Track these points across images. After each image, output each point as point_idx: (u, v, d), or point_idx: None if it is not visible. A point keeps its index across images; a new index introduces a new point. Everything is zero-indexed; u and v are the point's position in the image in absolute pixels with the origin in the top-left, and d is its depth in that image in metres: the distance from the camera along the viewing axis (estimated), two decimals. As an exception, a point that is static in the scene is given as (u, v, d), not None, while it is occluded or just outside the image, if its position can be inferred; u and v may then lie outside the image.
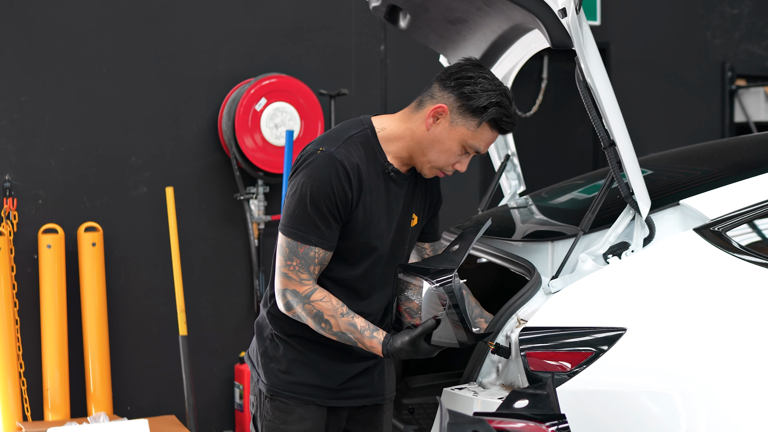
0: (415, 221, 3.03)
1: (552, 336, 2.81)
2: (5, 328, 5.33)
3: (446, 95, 2.87)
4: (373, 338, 2.82)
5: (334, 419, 3.04)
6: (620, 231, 3.04)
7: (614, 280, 2.92)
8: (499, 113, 2.83)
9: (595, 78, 2.94)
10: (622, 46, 7.40)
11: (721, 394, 2.69)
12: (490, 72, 2.90)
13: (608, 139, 3.01)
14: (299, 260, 2.82)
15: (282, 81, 5.89)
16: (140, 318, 5.83)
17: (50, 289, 5.44)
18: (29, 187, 5.54)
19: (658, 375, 2.73)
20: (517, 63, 3.89)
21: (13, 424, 5.32)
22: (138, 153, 5.81)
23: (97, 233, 5.55)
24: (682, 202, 3.06)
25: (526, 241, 3.34)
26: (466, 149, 2.88)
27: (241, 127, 5.78)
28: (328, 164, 2.79)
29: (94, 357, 5.54)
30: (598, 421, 2.75)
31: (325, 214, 2.80)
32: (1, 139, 5.48)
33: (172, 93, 5.90)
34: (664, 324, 2.80)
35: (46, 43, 5.58)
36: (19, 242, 5.49)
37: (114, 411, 5.69)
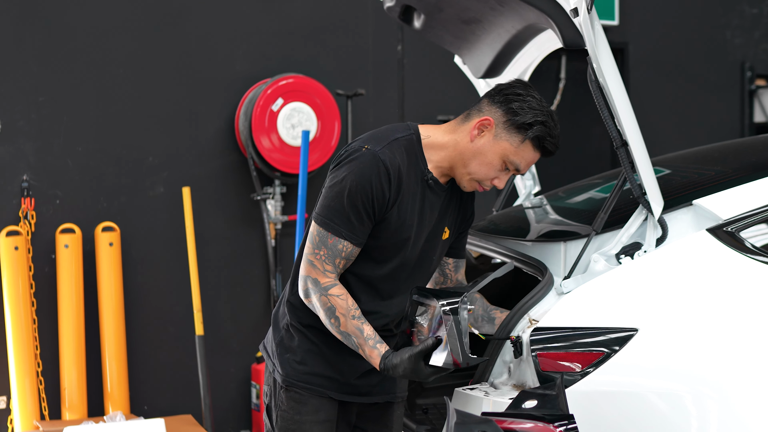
0: (447, 234, 3.06)
1: (563, 336, 2.80)
2: (23, 328, 5.36)
3: (494, 109, 2.90)
4: (374, 348, 2.82)
5: (344, 413, 3.07)
6: (633, 231, 3.03)
7: (626, 280, 2.91)
8: (543, 132, 2.86)
9: (608, 78, 2.93)
10: (640, 46, 7.37)
11: (734, 395, 2.68)
12: (539, 94, 2.94)
13: (620, 139, 3.00)
14: (327, 250, 2.86)
15: (299, 81, 5.90)
16: (157, 318, 5.85)
17: (67, 288, 5.47)
18: (47, 187, 5.57)
19: (670, 376, 2.72)
20: (532, 63, 3.88)
21: (31, 422, 5.35)
22: (155, 153, 5.83)
23: (115, 233, 5.58)
24: (696, 202, 3.04)
25: (539, 241, 3.33)
26: (506, 165, 2.91)
27: (257, 127, 5.79)
28: (372, 162, 2.83)
29: (112, 356, 5.56)
30: (609, 422, 2.74)
31: (359, 210, 2.84)
32: (19, 139, 5.51)
33: (189, 93, 5.92)
34: (676, 325, 2.79)
35: (63, 43, 5.61)
36: (36, 242, 5.52)
37: (131, 410, 5.71)
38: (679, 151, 4.48)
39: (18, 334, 5.35)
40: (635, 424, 2.71)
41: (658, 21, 7.48)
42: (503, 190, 4.16)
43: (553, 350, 2.79)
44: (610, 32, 7.27)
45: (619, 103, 2.96)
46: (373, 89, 6.40)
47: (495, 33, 3.70)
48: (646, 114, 7.35)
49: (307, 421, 2.99)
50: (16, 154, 5.50)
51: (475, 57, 3.98)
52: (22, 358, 5.36)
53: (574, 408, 2.74)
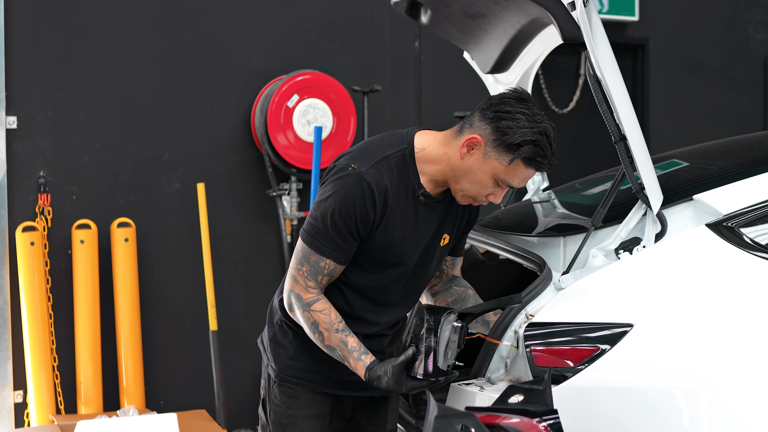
0: (446, 240, 3.03)
1: (558, 332, 2.79)
2: (39, 323, 5.40)
3: (483, 126, 2.79)
4: (359, 360, 2.83)
5: (339, 407, 3.07)
6: (632, 226, 3.01)
7: (623, 275, 2.89)
8: (532, 152, 2.74)
9: (605, 72, 2.91)
10: (660, 42, 7.32)
11: (729, 393, 2.64)
12: (533, 107, 2.78)
13: (619, 133, 2.97)
14: (309, 267, 2.85)
15: (314, 77, 5.91)
16: (173, 313, 5.88)
17: (83, 284, 5.50)
18: (63, 183, 5.61)
19: (666, 372, 2.69)
20: (538, 58, 3.86)
21: (47, 416, 5.39)
22: (171, 149, 5.86)
23: (130, 229, 5.61)
24: (696, 197, 3.02)
25: (539, 236, 3.31)
26: (498, 183, 2.82)
27: (273, 123, 5.80)
28: (356, 184, 2.78)
29: (127, 351, 5.60)
30: (603, 418, 2.72)
31: (343, 231, 2.81)
32: (36, 135, 5.55)
33: (205, 90, 5.94)
34: (673, 321, 2.76)
35: (80, 40, 5.64)
36: (53, 237, 5.56)
37: (146, 405, 5.74)
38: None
39: (34, 329, 5.39)
40: (628, 421, 2.68)
41: (679, 16, 7.42)
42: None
43: (547, 345, 2.78)
44: (630, 28, 7.23)
45: (617, 98, 2.94)
46: (390, 85, 6.39)
47: (501, 28, 3.69)
48: (667, 111, 7.31)
49: (300, 416, 3.00)
50: (33, 150, 5.54)
51: (482, 52, 3.97)
52: (39, 353, 5.40)
53: (567, 404, 2.73)
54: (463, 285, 3.19)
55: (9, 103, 5.47)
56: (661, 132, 7.18)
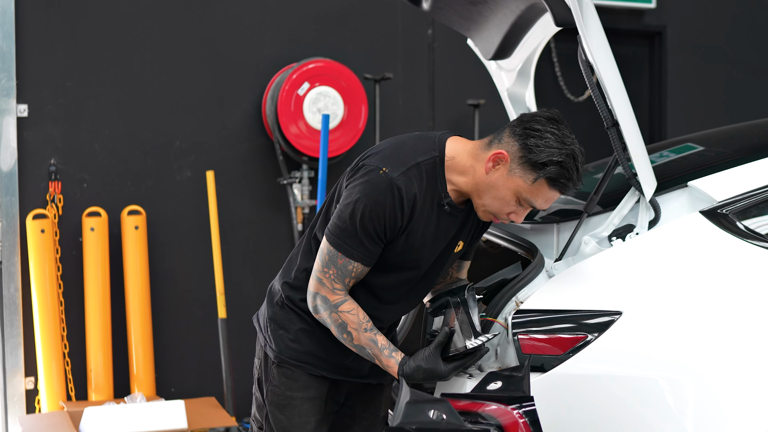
0: (460, 247, 3.01)
1: (546, 319, 2.76)
2: (50, 310, 5.43)
3: (512, 142, 2.76)
4: (390, 357, 2.83)
5: (334, 392, 3.07)
6: (625, 213, 2.98)
7: (615, 262, 2.86)
8: (557, 173, 2.71)
9: (597, 56, 2.88)
10: (678, 29, 7.24)
11: (717, 382, 2.61)
12: (564, 128, 2.77)
13: (611, 119, 2.94)
14: (336, 270, 2.83)
15: (325, 65, 5.89)
16: (184, 301, 5.89)
17: (93, 271, 5.52)
18: (74, 171, 5.63)
19: (653, 361, 2.66)
20: (539, 45, 3.83)
21: (57, 403, 5.42)
22: (182, 137, 5.86)
23: (140, 216, 5.62)
24: (690, 183, 2.98)
25: (533, 222, 3.28)
26: (520, 201, 2.79)
27: (283, 111, 5.79)
28: (387, 189, 2.75)
29: (137, 339, 5.61)
30: (589, 406, 2.69)
31: (371, 234, 2.79)
32: (47, 123, 5.57)
33: (216, 78, 5.94)
34: (663, 309, 2.73)
35: (90, 28, 5.65)
36: (64, 225, 5.58)
37: (157, 392, 5.76)
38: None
39: (45, 316, 5.42)
40: (614, 410, 2.66)
41: (698, 3, 7.34)
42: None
43: (534, 333, 2.75)
44: (647, 15, 7.16)
45: (609, 83, 2.91)
46: (402, 73, 6.36)
47: (501, 13, 3.66)
48: (684, 99, 7.23)
49: (298, 397, 3.00)
50: (44, 138, 5.56)
51: (483, 38, 3.94)
52: (49, 340, 5.43)
53: (554, 392, 2.71)
54: (460, 283, 3.16)
55: (20, 92, 5.49)
56: (678, 120, 7.11)
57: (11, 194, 5.47)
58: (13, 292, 5.49)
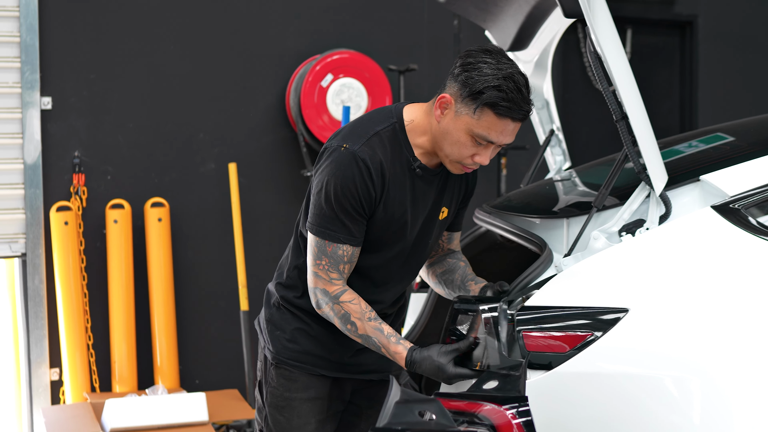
0: (445, 214, 2.97)
1: (550, 316, 2.71)
2: (74, 302, 5.45)
3: (452, 84, 2.73)
4: (398, 344, 2.78)
5: (337, 391, 3.03)
6: (634, 208, 2.91)
7: (623, 258, 2.80)
8: (495, 97, 2.64)
9: (606, 48, 2.81)
10: (710, 18, 7.13)
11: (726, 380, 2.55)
12: (501, 57, 2.71)
13: (621, 111, 2.88)
14: (328, 259, 2.80)
15: (348, 57, 5.86)
16: (207, 293, 5.90)
17: (117, 263, 5.54)
18: (98, 163, 5.65)
19: (660, 359, 2.60)
20: (555, 36, 3.78)
21: (81, 394, 5.45)
22: (206, 129, 5.86)
23: (164, 209, 5.63)
24: (703, 177, 2.91)
25: (544, 217, 3.23)
26: (476, 140, 2.73)
27: (306, 103, 5.77)
28: (351, 162, 2.73)
29: (161, 331, 5.63)
30: (594, 405, 2.64)
31: (350, 211, 2.76)
32: (71, 116, 5.59)
33: (240, 69, 5.93)
34: (671, 305, 2.67)
35: (114, 20, 5.66)
36: (88, 217, 5.60)
37: (181, 384, 5.77)
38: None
39: (69, 308, 5.45)
40: (620, 409, 2.61)
41: (729, -8, 7.24)
42: (532, 166, 4.07)
43: (539, 330, 2.70)
44: (677, 4, 7.06)
45: (618, 75, 2.85)
46: (428, 64, 6.32)
47: (516, 4, 3.61)
48: (716, 89, 7.12)
49: (297, 398, 2.96)
50: (67, 130, 5.58)
51: (500, 29, 3.90)
52: (73, 332, 5.46)
53: (558, 390, 2.67)
54: (456, 258, 3.13)
55: (44, 84, 5.51)
56: (710, 111, 7.00)
57: (35, 186, 5.49)
58: (37, 284, 5.52)
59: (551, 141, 4.09)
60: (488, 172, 6.49)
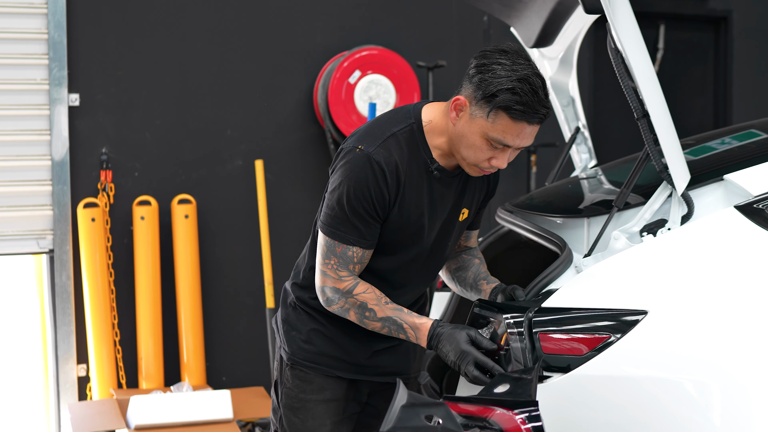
0: (465, 215, 2.92)
1: (567, 318, 2.66)
2: (101, 298, 5.46)
3: (467, 86, 2.67)
4: (421, 317, 2.74)
5: (354, 392, 2.99)
6: (656, 208, 2.86)
7: (643, 259, 2.74)
8: (509, 100, 2.57)
9: (626, 44, 2.75)
10: (744, 14, 7.02)
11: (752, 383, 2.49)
12: (517, 57, 2.63)
13: (642, 109, 2.82)
14: (337, 259, 2.76)
15: (376, 53, 5.83)
16: (234, 290, 5.89)
17: (144, 260, 5.54)
18: (125, 160, 5.65)
19: (681, 363, 2.55)
20: (580, 32, 3.74)
21: (108, 390, 5.46)
22: (233, 126, 5.85)
23: (191, 205, 5.62)
24: (726, 177, 2.85)
25: (563, 216, 3.18)
26: (492, 143, 2.66)
27: (334, 100, 5.74)
28: (366, 165, 2.68)
29: (188, 328, 5.62)
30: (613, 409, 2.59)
31: (362, 214, 2.72)
32: (99, 112, 5.60)
33: (268, 66, 5.91)
34: (692, 307, 2.61)
35: (141, 17, 5.66)
36: (115, 214, 5.61)
37: (207, 381, 5.77)
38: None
39: (96, 304, 5.46)
40: (638, 413, 2.55)
41: (765, -13, 7.12)
42: (557, 164, 4.02)
43: (555, 332, 2.65)
44: (712, 0, 6.96)
45: (639, 72, 2.79)
46: (457, 61, 6.26)
47: (540, 0, 3.56)
48: (751, 86, 7.02)
49: (312, 400, 2.93)
50: (95, 127, 5.59)
51: (524, 25, 3.85)
52: (100, 328, 5.47)
53: (575, 393, 2.62)
54: (472, 254, 3.08)
55: (71, 81, 5.52)
56: (743, 108, 6.90)
57: (63, 183, 5.51)
58: (65, 281, 5.54)
59: (577, 138, 4.04)
60: (518, 169, 6.43)
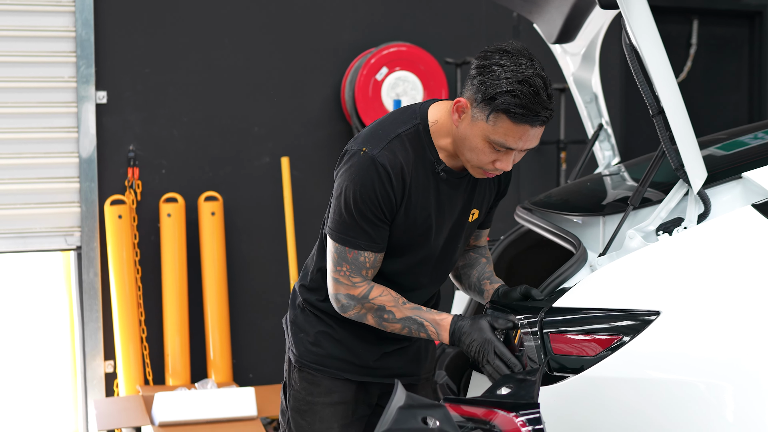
0: (476, 215, 2.87)
1: (578, 319, 2.62)
2: (128, 295, 5.48)
3: (468, 88, 2.60)
4: (441, 313, 2.71)
5: (363, 395, 2.95)
6: (672, 206, 2.81)
7: (658, 258, 2.69)
8: (509, 103, 2.50)
9: (641, 39, 2.70)
10: (780, 8, 6.92)
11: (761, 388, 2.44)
12: (518, 57, 2.55)
13: (657, 106, 2.77)
14: (349, 265, 2.71)
15: (404, 50, 5.80)
16: (261, 287, 5.88)
17: (170, 256, 5.55)
18: (152, 157, 5.66)
19: (694, 365, 2.50)
20: (601, 28, 3.68)
21: (134, 387, 5.47)
22: (260, 123, 5.85)
23: (217, 203, 5.62)
24: (745, 175, 2.79)
25: (579, 215, 3.14)
26: (494, 146, 2.59)
27: (361, 96, 5.72)
28: (370, 168, 2.63)
29: (214, 324, 5.63)
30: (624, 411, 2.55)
31: (371, 218, 2.67)
32: (126, 110, 5.61)
33: (295, 63, 5.90)
34: (706, 308, 2.56)
35: (168, 14, 5.67)
36: (142, 211, 5.62)
37: (234, 378, 5.76)
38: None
39: (123, 301, 5.47)
40: (651, 416, 2.51)
41: (802, -20, 7.00)
42: (580, 161, 3.97)
43: (566, 332, 2.61)
44: (745, -6, 6.87)
45: (655, 68, 2.73)
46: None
47: (561, -6, 3.52)
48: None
49: (319, 403, 2.89)
50: (122, 124, 5.61)
51: (546, 21, 3.80)
52: (127, 324, 5.48)
53: (586, 395, 2.58)
54: (479, 253, 3.03)
55: (99, 79, 5.54)
56: (780, 104, 6.81)
57: (90, 180, 5.53)
58: (92, 277, 5.56)
59: (600, 135, 3.98)
60: (548, 167, 6.37)
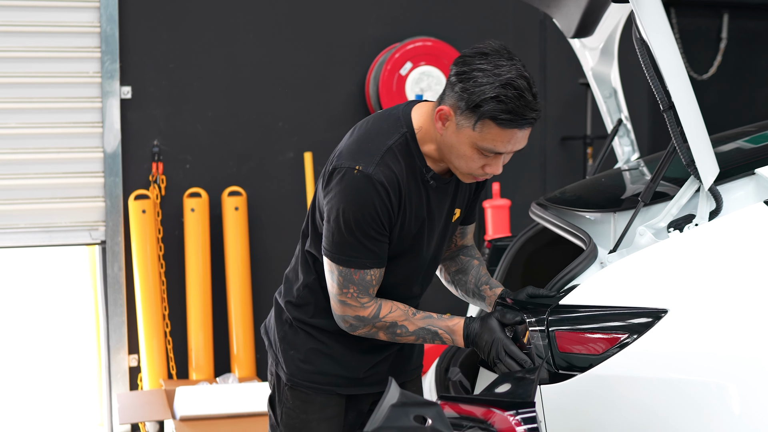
0: (458, 214, 2.83)
1: (585, 316, 2.59)
2: (152, 289, 5.50)
3: (450, 94, 2.52)
4: (453, 317, 2.68)
5: (354, 402, 2.92)
6: (683, 202, 2.76)
7: (668, 255, 2.66)
8: (495, 109, 2.43)
9: (651, 33, 2.66)
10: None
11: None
12: (498, 59, 2.48)
13: (667, 101, 2.72)
14: (356, 286, 2.65)
15: (428, 45, 5.77)
16: (285, 282, 5.87)
17: (194, 251, 5.57)
18: (177, 152, 5.68)
19: (701, 363, 2.46)
20: (619, 22, 3.64)
21: (158, 381, 5.50)
22: (285, 118, 5.84)
23: (241, 198, 5.63)
24: (758, 171, 2.75)
25: (591, 211, 3.10)
26: (483, 152, 2.53)
27: (385, 91, 5.70)
28: (368, 186, 2.55)
29: (238, 319, 5.64)
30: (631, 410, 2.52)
31: (374, 236, 2.60)
32: (150, 105, 5.63)
33: (319, 58, 5.89)
34: (715, 305, 2.52)
35: (192, 10, 5.68)
36: (166, 205, 5.64)
37: (257, 373, 5.77)
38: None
39: (147, 295, 5.50)
40: (658, 414, 2.47)
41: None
42: (599, 156, 3.94)
43: (572, 330, 2.58)
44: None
45: (665, 62, 2.69)
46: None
47: (579, -13, 3.49)
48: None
49: (314, 419, 2.85)
50: (147, 119, 5.63)
51: (564, 15, 3.76)
52: (151, 319, 5.51)
53: (592, 393, 2.55)
54: (469, 255, 2.98)
55: (123, 74, 5.56)
56: (811, 99, 6.72)
57: (115, 175, 5.55)
58: (116, 271, 5.59)
59: (619, 130, 3.94)
60: (574, 162, 6.32)
